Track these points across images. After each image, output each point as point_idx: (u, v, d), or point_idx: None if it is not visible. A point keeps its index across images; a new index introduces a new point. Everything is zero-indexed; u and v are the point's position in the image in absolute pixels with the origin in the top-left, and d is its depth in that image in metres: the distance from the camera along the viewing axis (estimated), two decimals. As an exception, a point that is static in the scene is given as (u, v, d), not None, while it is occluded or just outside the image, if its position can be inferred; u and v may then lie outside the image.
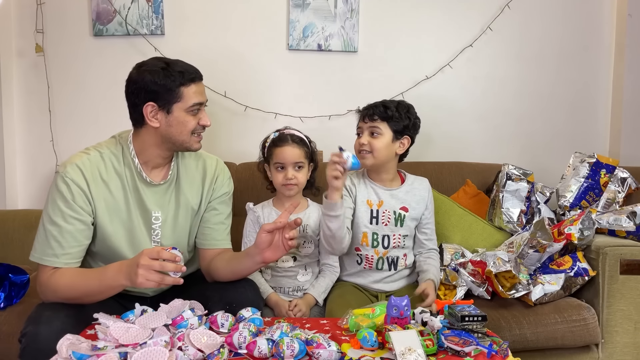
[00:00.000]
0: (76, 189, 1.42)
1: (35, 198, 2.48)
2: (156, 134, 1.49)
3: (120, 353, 1.10)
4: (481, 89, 2.59)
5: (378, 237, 1.84)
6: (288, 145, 1.76)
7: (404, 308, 1.30)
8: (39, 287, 1.43)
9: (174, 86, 1.44)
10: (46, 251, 1.41)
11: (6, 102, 2.37)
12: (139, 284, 1.26)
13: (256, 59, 2.47)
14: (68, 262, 1.42)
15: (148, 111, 1.46)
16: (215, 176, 1.64)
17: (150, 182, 1.53)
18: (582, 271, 1.89)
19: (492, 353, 1.18)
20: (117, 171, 1.49)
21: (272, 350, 1.17)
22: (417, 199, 1.89)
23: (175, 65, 1.47)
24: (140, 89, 1.45)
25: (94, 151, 1.49)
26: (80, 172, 1.43)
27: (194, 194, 1.60)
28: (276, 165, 1.77)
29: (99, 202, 1.45)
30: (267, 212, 1.83)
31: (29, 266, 2.10)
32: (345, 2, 2.45)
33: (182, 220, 1.59)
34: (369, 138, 1.80)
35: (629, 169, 2.19)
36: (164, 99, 1.45)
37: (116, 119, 2.41)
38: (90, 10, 2.39)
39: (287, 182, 1.76)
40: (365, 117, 1.82)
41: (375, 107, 1.82)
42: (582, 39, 2.61)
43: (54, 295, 1.40)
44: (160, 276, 1.27)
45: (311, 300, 1.77)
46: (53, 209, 1.42)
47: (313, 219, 1.83)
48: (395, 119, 1.80)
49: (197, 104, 1.48)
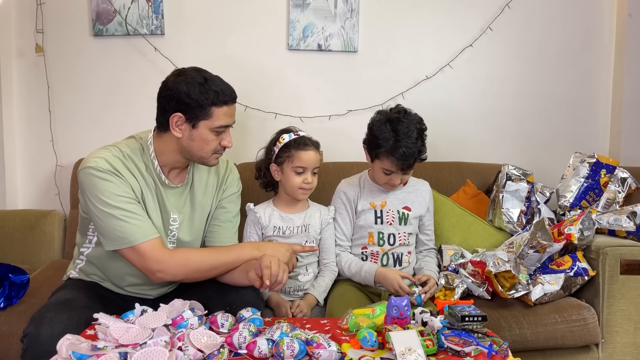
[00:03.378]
0: (113, 176, 1.42)
1: (35, 198, 2.48)
2: (178, 143, 1.49)
3: (120, 353, 1.10)
4: (481, 89, 2.59)
5: (384, 236, 1.85)
6: (311, 150, 1.76)
7: (404, 308, 1.30)
8: (156, 265, 1.41)
9: (206, 104, 1.43)
10: (135, 231, 1.40)
11: (6, 102, 2.36)
12: (276, 259, 1.42)
13: (256, 59, 2.47)
14: (157, 232, 1.45)
15: (174, 121, 1.46)
16: (225, 176, 1.66)
17: (169, 184, 1.54)
18: (582, 271, 1.89)
19: (492, 353, 1.18)
20: (139, 170, 1.49)
21: (272, 351, 1.17)
22: (420, 199, 1.91)
23: (213, 83, 1.45)
24: (173, 97, 1.44)
25: (115, 149, 1.48)
26: (109, 164, 1.43)
27: (207, 196, 1.62)
28: (297, 169, 1.75)
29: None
30: (268, 212, 1.82)
31: (29, 266, 2.11)
32: (345, 2, 2.45)
33: (197, 223, 1.60)
34: (401, 176, 1.80)
35: (629, 169, 2.19)
36: (193, 113, 1.44)
37: (116, 119, 2.44)
38: (90, 10, 2.38)
39: (304, 186, 1.76)
40: (404, 168, 1.75)
41: (411, 157, 1.73)
42: (581, 39, 2.61)
43: (185, 268, 1.45)
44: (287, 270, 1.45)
45: (312, 301, 1.77)
46: (108, 198, 1.39)
47: (314, 219, 1.84)
48: (422, 158, 1.80)
49: (223, 125, 1.48)
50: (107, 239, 1.43)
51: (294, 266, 1.61)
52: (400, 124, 1.74)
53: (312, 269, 1.84)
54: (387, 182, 1.81)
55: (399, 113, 1.78)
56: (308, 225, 1.82)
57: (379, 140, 1.74)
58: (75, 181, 2.27)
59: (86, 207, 1.45)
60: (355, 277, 1.82)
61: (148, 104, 1.60)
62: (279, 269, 1.41)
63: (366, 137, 1.84)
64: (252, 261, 1.48)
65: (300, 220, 1.82)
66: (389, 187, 1.84)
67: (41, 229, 2.25)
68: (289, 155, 1.76)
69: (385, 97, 2.47)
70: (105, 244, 1.44)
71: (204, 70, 1.50)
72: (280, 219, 1.81)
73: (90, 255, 1.55)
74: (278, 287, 1.44)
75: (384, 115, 1.80)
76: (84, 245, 1.56)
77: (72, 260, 1.63)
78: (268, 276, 1.39)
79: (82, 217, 1.54)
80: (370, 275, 1.76)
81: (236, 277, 1.52)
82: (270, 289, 1.43)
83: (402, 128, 1.73)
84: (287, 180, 1.78)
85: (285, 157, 1.76)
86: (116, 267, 1.53)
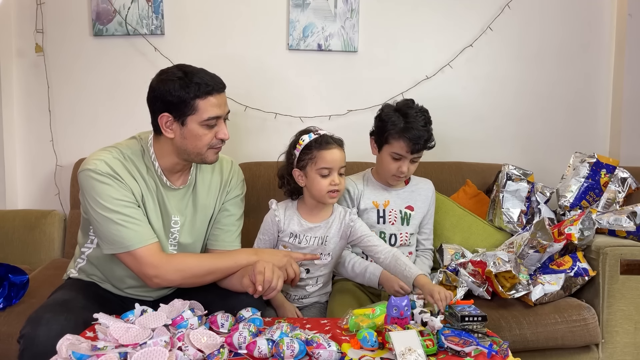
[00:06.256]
0: (112, 180, 1.40)
1: (35, 198, 2.48)
2: (172, 145, 1.46)
3: (120, 353, 1.10)
4: (481, 89, 2.59)
5: (385, 237, 1.84)
6: (335, 148, 1.61)
7: (404, 308, 1.30)
8: (153, 270, 1.40)
9: (188, 98, 1.39)
10: (132, 236, 1.39)
11: (6, 102, 2.36)
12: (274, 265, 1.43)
13: (256, 59, 2.47)
14: (155, 237, 1.44)
15: (163, 121, 1.43)
16: (229, 178, 1.63)
17: (170, 186, 1.52)
18: (582, 271, 1.89)
19: (492, 353, 1.18)
20: (139, 172, 1.47)
21: (272, 351, 1.17)
22: (422, 198, 1.91)
23: (194, 75, 1.41)
24: (157, 97, 1.42)
25: (116, 150, 1.46)
26: (109, 166, 1.41)
27: (210, 198, 1.59)
28: (321, 171, 1.60)
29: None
30: (288, 215, 1.70)
31: (28, 266, 2.11)
32: (345, 2, 2.45)
33: (199, 225, 1.58)
34: (410, 165, 1.80)
35: (629, 169, 2.19)
36: (179, 111, 1.41)
37: (116, 119, 2.44)
38: (90, 10, 2.38)
39: (332, 189, 1.61)
40: (414, 151, 1.76)
41: (422, 138, 1.75)
42: (582, 38, 2.61)
43: (181, 274, 1.43)
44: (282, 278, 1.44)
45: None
46: (106, 201, 1.38)
47: (333, 230, 1.70)
48: (430, 146, 1.81)
49: (213, 117, 1.42)
50: (104, 243, 1.43)
51: (297, 274, 1.55)
52: (410, 109, 1.79)
53: (322, 280, 1.77)
54: (395, 171, 1.79)
55: (406, 102, 1.83)
56: (326, 237, 1.69)
57: (388, 124, 1.77)
58: (75, 181, 2.27)
59: (85, 209, 1.45)
60: (357, 278, 1.79)
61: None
62: (272, 275, 1.39)
63: (373, 127, 1.85)
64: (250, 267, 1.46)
65: (320, 230, 1.69)
66: (396, 179, 1.82)
67: (41, 229, 2.25)
68: (312, 157, 1.61)
69: (385, 97, 2.46)
70: (103, 247, 1.44)
71: (186, 65, 1.46)
72: (299, 225, 1.69)
73: (91, 255, 1.55)
74: (272, 294, 1.41)
75: (391, 106, 1.84)
76: (86, 245, 1.56)
77: (73, 259, 1.63)
78: (261, 282, 1.37)
79: (83, 217, 1.54)
80: (375, 277, 1.74)
81: (234, 283, 1.51)
82: (264, 295, 1.41)
83: (412, 113, 1.77)
84: (312, 184, 1.63)
85: (307, 159, 1.62)
86: (116, 270, 1.52)
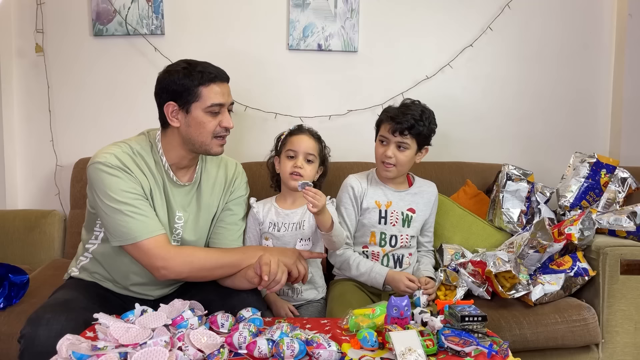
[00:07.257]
0: (121, 172, 1.43)
1: (35, 198, 2.48)
2: (178, 135, 1.50)
3: (120, 353, 1.10)
4: (481, 89, 2.59)
5: (386, 237, 1.84)
6: (303, 135, 1.78)
7: (404, 308, 1.30)
8: (161, 261, 1.42)
9: (192, 85, 1.46)
10: (140, 227, 1.41)
11: (6, 102, 2.36)
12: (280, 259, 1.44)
13: (256, 59, 2.47)
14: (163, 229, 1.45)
15: (169, 110, 1.48)
16: (234, 178, 1.67)
17: (177, 182, 1.55)
18: (582, 271, 1.89)
19: (492, 353, 1.18)
20: (148, 166, 1.50)
21: (272, 351, 1.17)
22: (425, 201, 1.91)
23: (198, 65, 1.48)
24: (163, 89, 1.48)
25: (125, 145, 1.50)
26: (119, 160, 1.44)
27: (214, 197, 1.62)
28: (288, 153, 1.76)
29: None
30: (267, 208, 1.81)
31: (28, 266, 2.11)
32: (345, 2, 2.45)
33: (202, 223, 1.60)
34: (395, 151, 1.78)
35: (629, 169, 2.19)
36: (183, 98, 1.46)
37: (116, 119, 2.44)
38: (90, 10, 2.38)
39: (294, 170, 1.73)
40: (396, 131, 1.76)
41: (406, 121, 1.75)
42: (582, 38, 2.61)
43: (189, 266, 1.45)
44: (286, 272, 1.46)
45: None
46: (115, 193, 1.41)
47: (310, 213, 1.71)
48: (424, 134, 1.79)
49: (216, 104, 1.48)
50: (112, 235, 1.44)
51: (305, 273, 1.56)
52: (411, 104, 1.83)
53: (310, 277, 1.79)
54: (381, 156, 1.80)
55: (412, 100, 1.86)
56: (303, 222, 1.77)
57: (383, 112, 1.83)
58: (75, 181, 2.28)
59: (94, 202, 1.47)
60: (361, 277, 1.79)
61: (148, 103, 1.60)
62: (278, 268, 1.41)
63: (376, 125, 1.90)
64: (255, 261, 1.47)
65: (297, 216, 1.78)
66: (385, 169, 1.80)
67: (41, 229, 2.25)
68: (285, 142, 1.78)
69: (385, 97, 2.46)
70: (111, 239, 1.45)
71: (191, 59, 1.53)
72: (276, 214, 1.79)
73: (95, 251, 1.55)
74: (276, 287, 1.43)
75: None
76: (90, 242, 1.56)
77: (75, 258, 1.63)
78: (267, 272, 1.39)
79: (89, 212, 1.55)
80: (381, 277, 1.75)
81: (237, 280, 1.51)
82: (268, 288, 1.43)
83: (409, 103, 1.83)
84: (281, 168, 1.78)
85: (281, 146, 1.79)
86: (121, 265, 1.53)
